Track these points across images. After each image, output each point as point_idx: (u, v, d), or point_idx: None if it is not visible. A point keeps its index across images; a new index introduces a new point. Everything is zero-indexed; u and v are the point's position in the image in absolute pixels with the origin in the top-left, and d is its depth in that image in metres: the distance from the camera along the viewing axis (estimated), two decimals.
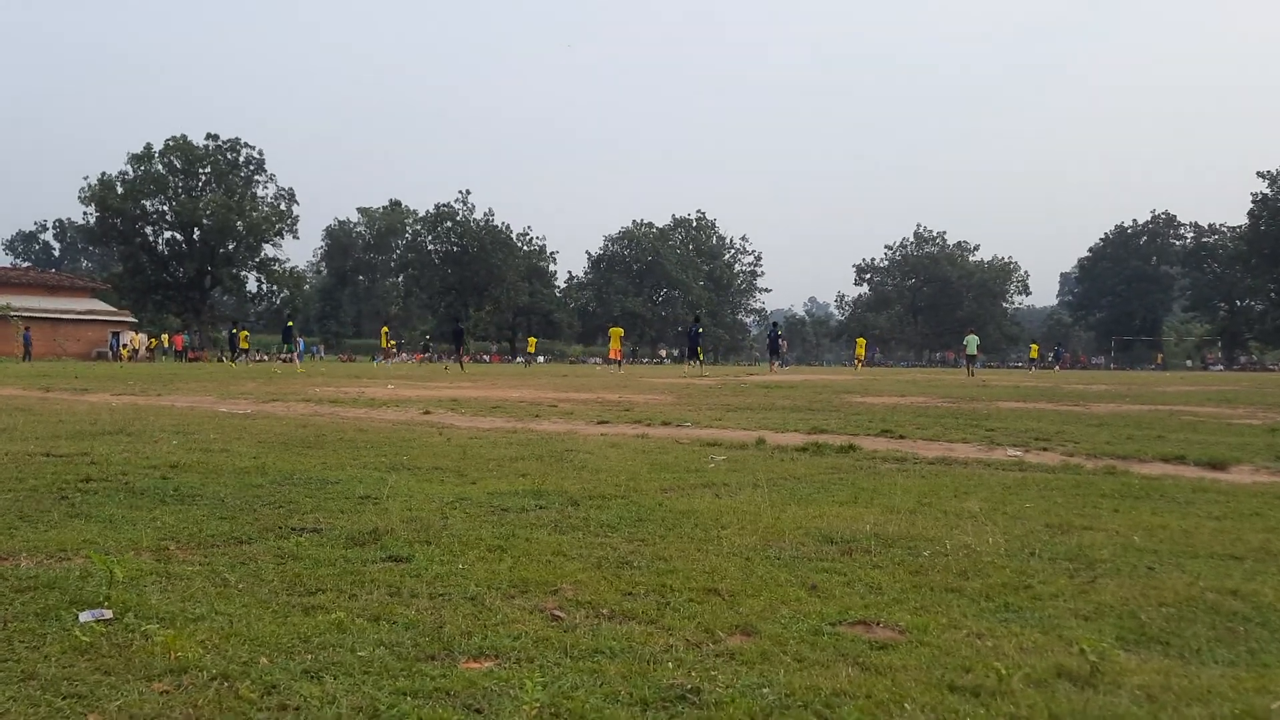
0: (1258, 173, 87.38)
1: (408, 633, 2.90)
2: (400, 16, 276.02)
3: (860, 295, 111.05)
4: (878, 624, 3.10)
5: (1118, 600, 3.38)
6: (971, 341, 43.85)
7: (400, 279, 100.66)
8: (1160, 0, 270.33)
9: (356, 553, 3.97)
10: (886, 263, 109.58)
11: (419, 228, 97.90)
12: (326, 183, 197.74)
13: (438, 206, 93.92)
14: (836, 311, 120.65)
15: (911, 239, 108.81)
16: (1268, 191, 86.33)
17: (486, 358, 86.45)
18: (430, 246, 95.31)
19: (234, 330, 48.31)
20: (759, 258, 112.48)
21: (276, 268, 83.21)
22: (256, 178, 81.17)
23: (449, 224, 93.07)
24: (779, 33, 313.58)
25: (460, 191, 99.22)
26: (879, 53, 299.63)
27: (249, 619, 3.01)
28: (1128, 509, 5.33)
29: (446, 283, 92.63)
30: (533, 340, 69.39)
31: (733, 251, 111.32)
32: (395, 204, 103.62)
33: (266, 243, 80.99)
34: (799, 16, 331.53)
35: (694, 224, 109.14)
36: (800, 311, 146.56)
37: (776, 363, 41.71)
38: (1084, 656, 2.66)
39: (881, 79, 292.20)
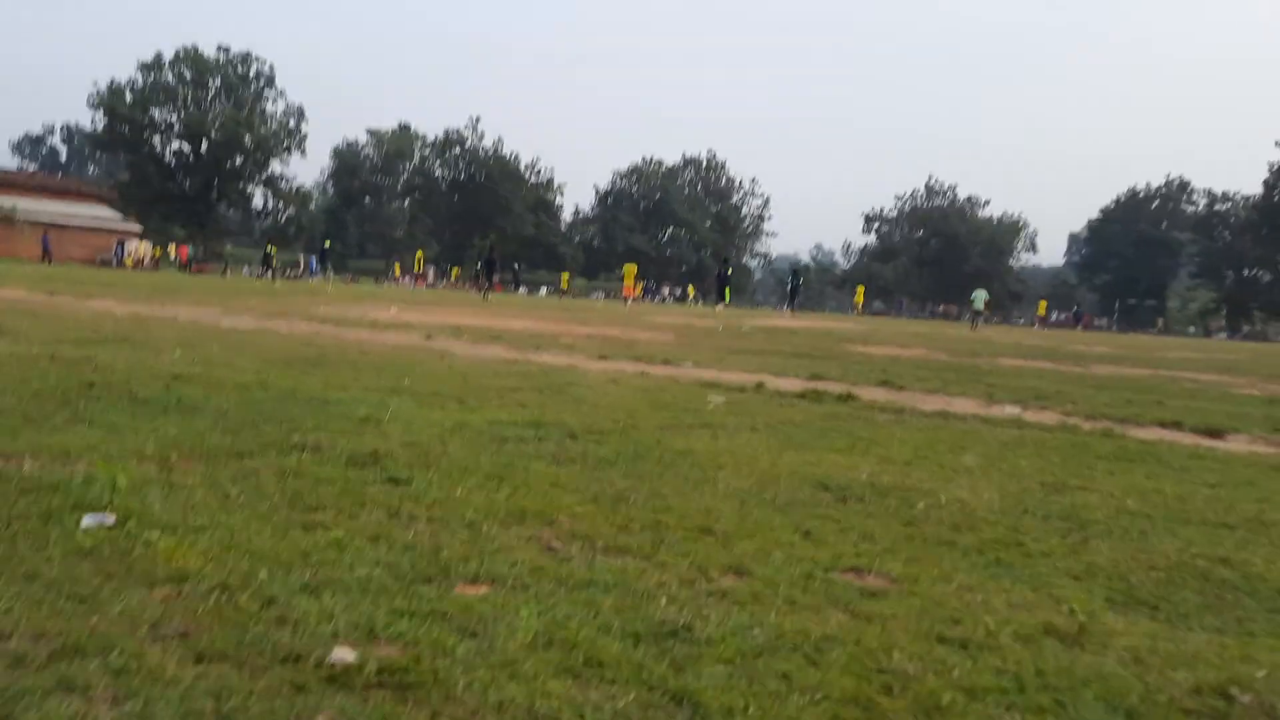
0: (1276, 141, 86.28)
1: (405, 554, 2.94)
2: None
3: (867, 245, 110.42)
4: (869, 572, 3.13)
5: (1109, 562, 3.41)
6: (979, 296, 44.05)
7: (406, 203, 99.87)
8: None
9: (356, 473, 3.99)
10: (895, 213, 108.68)
11: (427, 153, 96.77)
12: (337, 102, 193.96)
13: (447, 132, 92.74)
14: (842, 260, 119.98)
15: (922, 190, 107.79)
16: None
17: (483, 286, 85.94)
18: (438, 172, 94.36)
19: (269, 249, 48.50)
20: (767, 201, 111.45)
21: (283, 185, 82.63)
22: (266, 93, 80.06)
23: (458, 150, 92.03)
24: None
25: (470, 117, 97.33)
26: (898, 4, 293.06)
27: (249, 532, 3.04)
28: (1123, 472, 5.36)
29: (453, 210, 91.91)
30: (566, 275, 69.13)
31: (742, 194, 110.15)
32: (405, 127, 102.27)
33: (274, 159, 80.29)
34: None
35: (704, 164, 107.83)
36: (806, 258, 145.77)
37: (794, 308, 41.74)
38: (1073, 616, 2.69)
39: (901, 29, 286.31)
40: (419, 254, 55.59)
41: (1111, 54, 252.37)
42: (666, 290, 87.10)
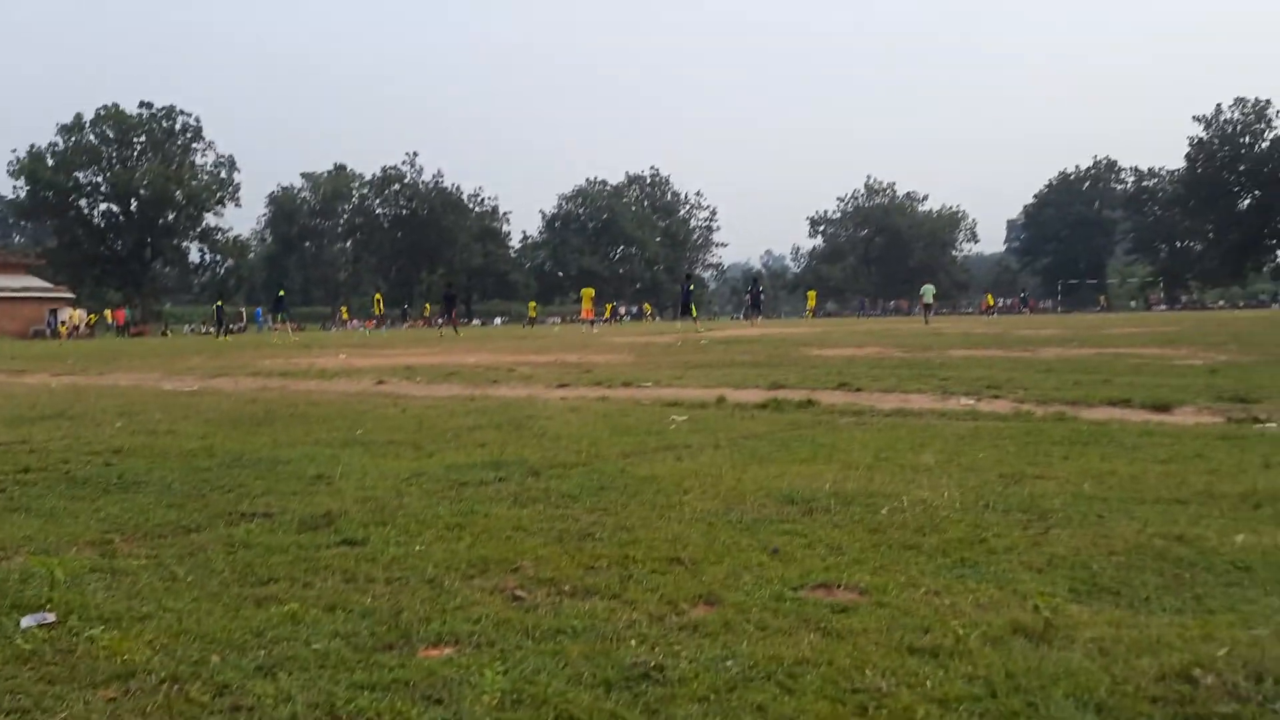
0: (1193, 117, 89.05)
1: (364, 621, 2.86)
2: None
3: (815, 247, 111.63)
4: (839, 586, 3.12)
5: (1070, 551, 3.43)
6: (928, 290, 46.22)
7: (348, 244, 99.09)
8: None
9: (309, 538, 3.89)
10: (839, 214, 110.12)
11: (366, 191, 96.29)
12: (269, 149, 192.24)
13: (385, 169, 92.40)
14: (792, 264, 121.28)
15: (862, 190, 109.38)
16: (1203, 135, 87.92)
17: (440, 321, 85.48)
18: (379, 210, 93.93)
19: (219, 304, 47.89)
20: (714, 213, 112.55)
21: (219, 237, 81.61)
22: (194, 145, 79.28)
23: (397, 187, 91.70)
24: None
25: (408, 154, 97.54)
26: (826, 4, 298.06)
27: (199, 615, 2.94)
28: (1077, 455, 5.43)
29: (396, 247, 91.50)
30: (533, 304, 68.65)
31: (688, 207, 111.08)
32: (341, 168, 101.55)
33: (208, 212, 79.34)
34: None
35: (648, 181, 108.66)
36: (757, 264, 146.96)
37: (758, 316, 42.44)
38: (1039, 612, 2.69)
39: (825, 29, 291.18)
40: (377, 296, 54.86)
41: (1030, 38, 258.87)
42: (623, 309, 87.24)
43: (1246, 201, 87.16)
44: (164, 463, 5.84)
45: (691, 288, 36.65)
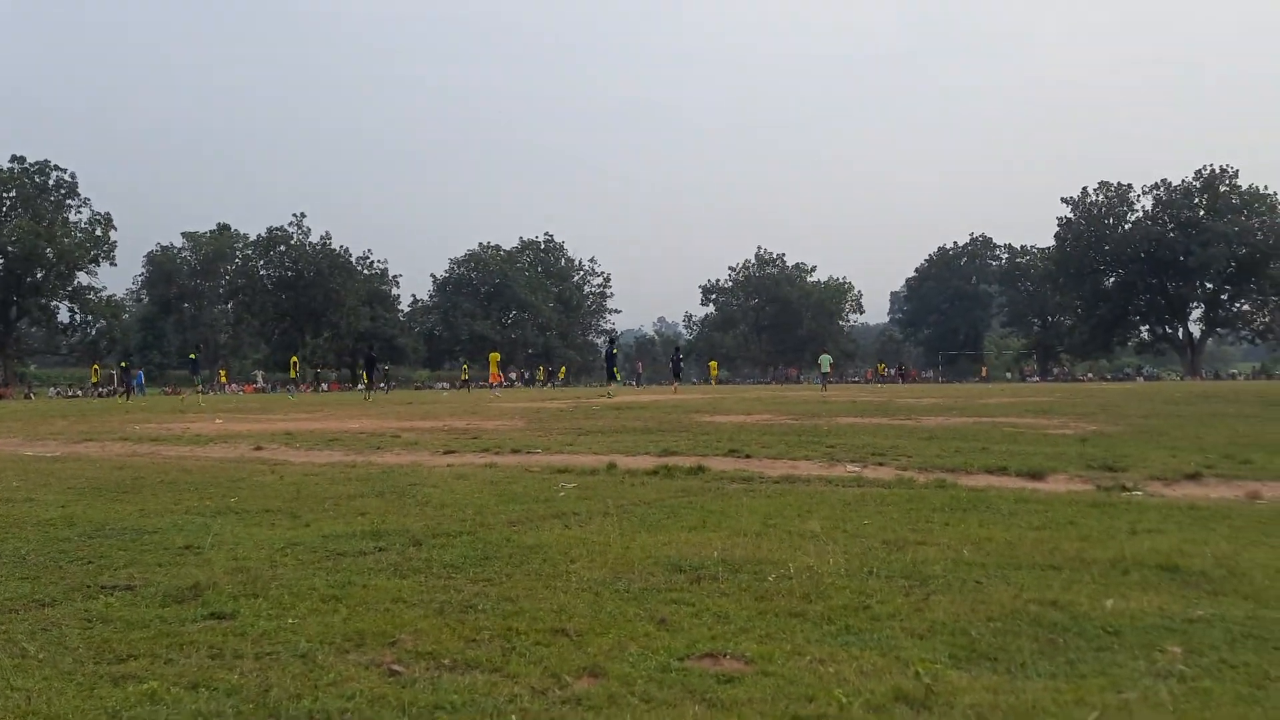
0: (1061, 198, 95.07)
1: (229, 700, 2.69)
2: (222, 32, 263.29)
3: (707, 315, 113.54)
4: (725, 655, 3.10)
5: (949, 617, 3.50)
6: (825, 360, 49.01)
7: (230, 306, 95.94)
8: (974, 39, 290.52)
9: (174, 611, 3.68)
10: (731, 283, 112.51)
11: (250, 252, 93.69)
12: (148, 207, 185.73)
13: (270, 230, 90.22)
14: (685, 331, 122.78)
15: (754, 260, 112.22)
16: (1071, 216, 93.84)
17: (325, 386, 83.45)
18: (263, 271, 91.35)
19: (124, 365, 45.23)
20: (608, 279, 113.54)
21: (92, 296, 77.84)
22: (69, 202, 75.89)
23: (282, 248, 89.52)
24: (611, 51, 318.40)
25: (294, 214, 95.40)
26: (712, 78, 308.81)
27: (49, 694, 2.74)
28: (957, 522, 5.58)
29: (281, 309, 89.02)
30: (465, 366, 66.39)
31: (582, 273, 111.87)
32: (224, 228, 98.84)
33: (80, 270, 75.72)
34: (635, 35, 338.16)
35: (542, 246, 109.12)
36: (650, 331, 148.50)
37: (677, 383, 42.87)
38: (919, 679, 2.73)
39: (713, 110, 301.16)
40: (294, 359, 52.78)
41: (905, 123, 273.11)
42: (514, 374, 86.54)
43: (1112, 279, 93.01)
44: (19, 532, 5.47)
45: (615, 351, 37.03)
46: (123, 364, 46.45)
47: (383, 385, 43.97)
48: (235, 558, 4.67)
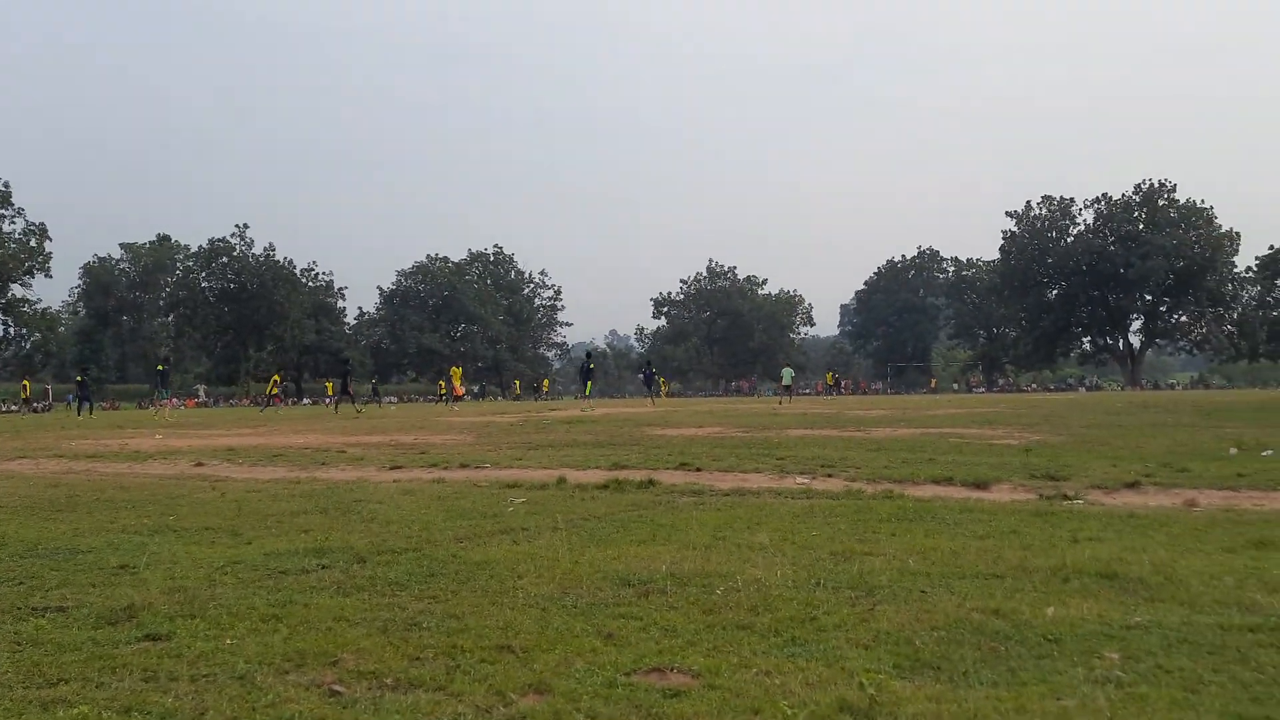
0: (1006, 212, 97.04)
1: None
2: (161, 36, 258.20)
3: (659, 328, 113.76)
4: (672, 669, 3.08)
5: (894, 627, 3.53)
6: (787, 373, 49.56)
7: (170, 318, 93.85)
8: (920, 53, 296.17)
9: (108, 633, 3.58)
10: (682, 296, 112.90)
11: (191, 264, 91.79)
12: (84, 218, 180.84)
13: (212, 241, 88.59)
14: (637, 344, 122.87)
15: (705, 273, 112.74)
16: (1015, 229, 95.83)
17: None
18: (204, 284, 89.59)
19: (80, 379, 43.54)
20: (559, 291, 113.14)
21: (26, 309, 75.64)
22: (1, 212, 73.66)
23: (224, 260, 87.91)
24: (560, 63, 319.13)
25: (237, 225, 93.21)
26: (663, 90, 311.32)
27: None
28: (903, 532, 5.64)
29: (223, 322, 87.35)
30: (457, 371, 64.42)
31: (532, 286, 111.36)
32: (164, 239, 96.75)
33: (14, 282, 73.58)
34: (584, 47, 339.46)
35: (491, 258, 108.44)
36: (602, 344, 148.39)
37: (652, 395, 42.92)
38: (864, 690, 2.74)
39: (665, 123, 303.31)
40: (275, 377, 50.97)
41: (860, 133, 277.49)
42: (463, 388, 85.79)
43: (1055, 292, 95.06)
44: None
45: (592, 365, 37.06)
46: (79, 378, 44.82)
47: (360, 400, 43.27)
48: (172, 577, 4.56)
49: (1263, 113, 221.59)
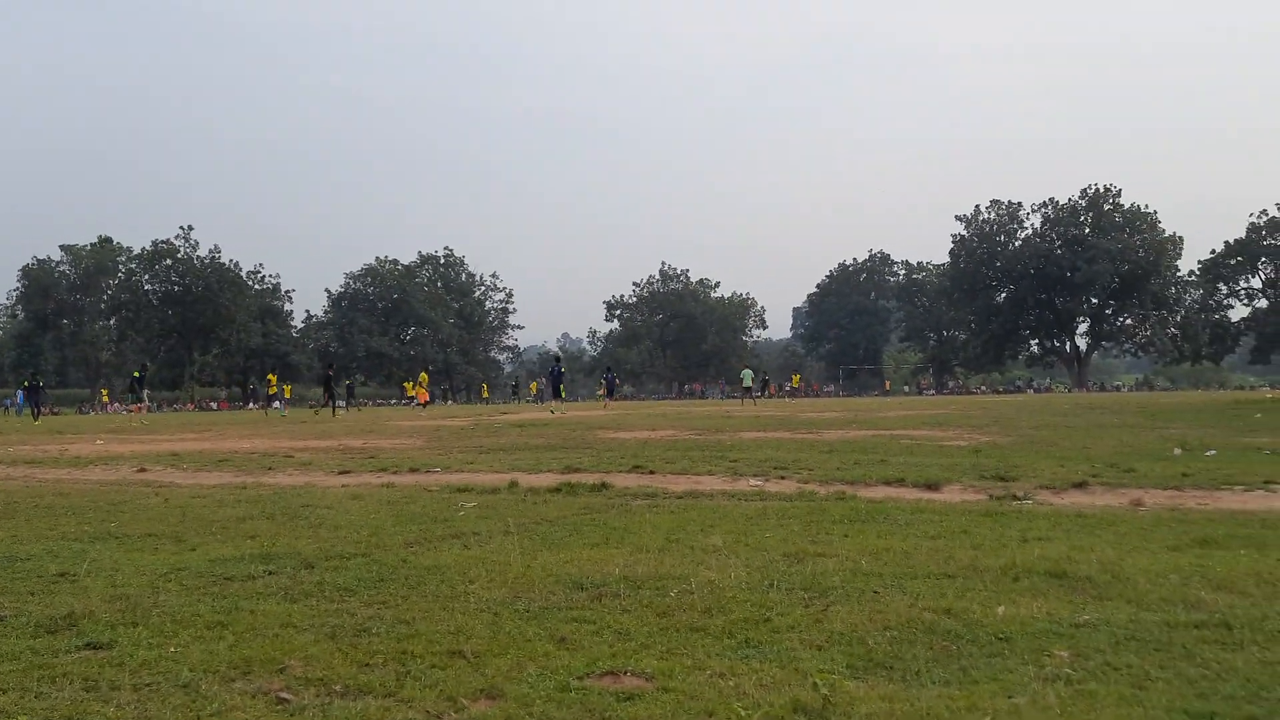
0: (955, 216, 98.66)
1: None
2: (102, 29, 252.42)
3: (611, 331, 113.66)
4: (625, 673, 3.06)
5: (847, 627, 3.54)
6: (747, 375, 49.78)
7: (113, 321, 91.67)
8: (874, 58, 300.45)
9: (47, 642, 3.49)
10: (635, 299, 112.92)
11: (134, 266, 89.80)
12: (22, 219, 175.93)
13: (155, 243, 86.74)
14: (589, 347, 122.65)
15: (657, 276, 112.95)
16: (964, 233, 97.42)
17: (214, 405, 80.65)
18: (147, 286, 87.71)
19: (26, 384, 41.66)
20: (510, 295, 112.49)
21: None
22: None
23: (168, 262, 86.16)
24: (514, 60, 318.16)
25: (182, 227, 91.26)
26: (615, 92, 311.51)
27: None
28: (856, 533, 5.68)
29: (167, 325, 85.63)
30: (424, 378, 61.91)
31: (483, 289, 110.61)
32: (106, 240, 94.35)
33: None
34: (539, 44, 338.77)
35: (442, 261, 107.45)
36: (554, 347, 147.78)
37: (608, 400, 42.91)
38: (817, 690, 2.74)
39: (619, 123, 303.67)
40: (270, 377, 49.14)
41: (812, 137, 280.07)
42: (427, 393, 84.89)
43: (1003, 295, 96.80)
44: None
45: (562, 370, 37.02)
46: (25, 383, 43.05)
47: (341, 404, 42.63)
48: (114, 585, 4.44)
49: (1205, 117, 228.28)
